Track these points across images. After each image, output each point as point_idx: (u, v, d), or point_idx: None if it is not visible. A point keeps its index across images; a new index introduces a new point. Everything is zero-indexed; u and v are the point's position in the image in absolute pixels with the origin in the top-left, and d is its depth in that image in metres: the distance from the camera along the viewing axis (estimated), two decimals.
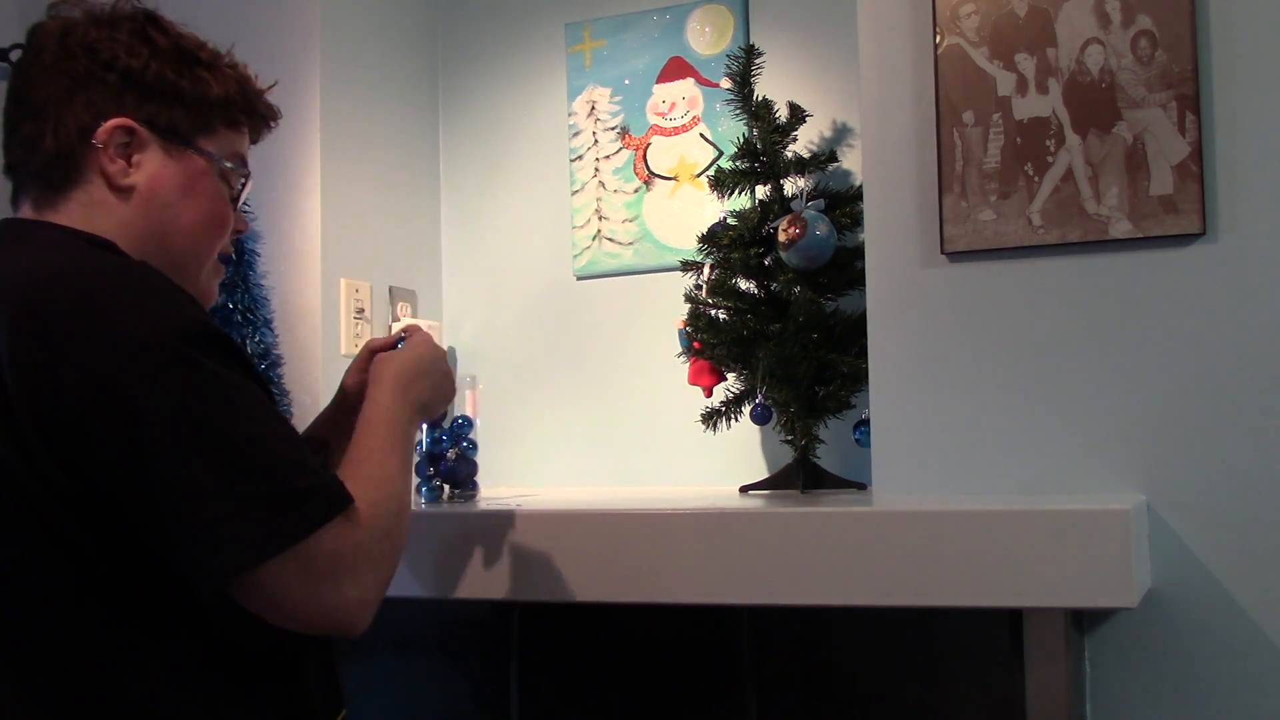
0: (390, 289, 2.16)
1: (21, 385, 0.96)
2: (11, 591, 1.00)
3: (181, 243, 1.17)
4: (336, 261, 2.04)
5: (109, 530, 0.99)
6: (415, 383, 1.26)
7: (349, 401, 1.40)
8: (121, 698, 1.00)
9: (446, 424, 1.72)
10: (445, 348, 1.36)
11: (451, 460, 1.69)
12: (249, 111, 1.23)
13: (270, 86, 1.25)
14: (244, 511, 0.96)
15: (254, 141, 1.26)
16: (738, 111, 1.86)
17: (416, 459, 1.68)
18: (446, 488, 1.72)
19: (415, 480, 1.66)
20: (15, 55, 1.49)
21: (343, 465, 1.13)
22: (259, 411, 1.02)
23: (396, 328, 1.54)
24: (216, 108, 1.19)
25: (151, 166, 1.14)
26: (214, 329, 1.02)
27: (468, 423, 1.72)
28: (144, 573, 1.00)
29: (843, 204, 1.79)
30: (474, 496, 1.72)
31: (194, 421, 0.96)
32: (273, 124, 1.27)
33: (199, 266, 1.20)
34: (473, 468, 1.72)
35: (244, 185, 1.24)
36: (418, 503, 1.68)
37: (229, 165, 1.20)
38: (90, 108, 1.11)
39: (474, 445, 1.73)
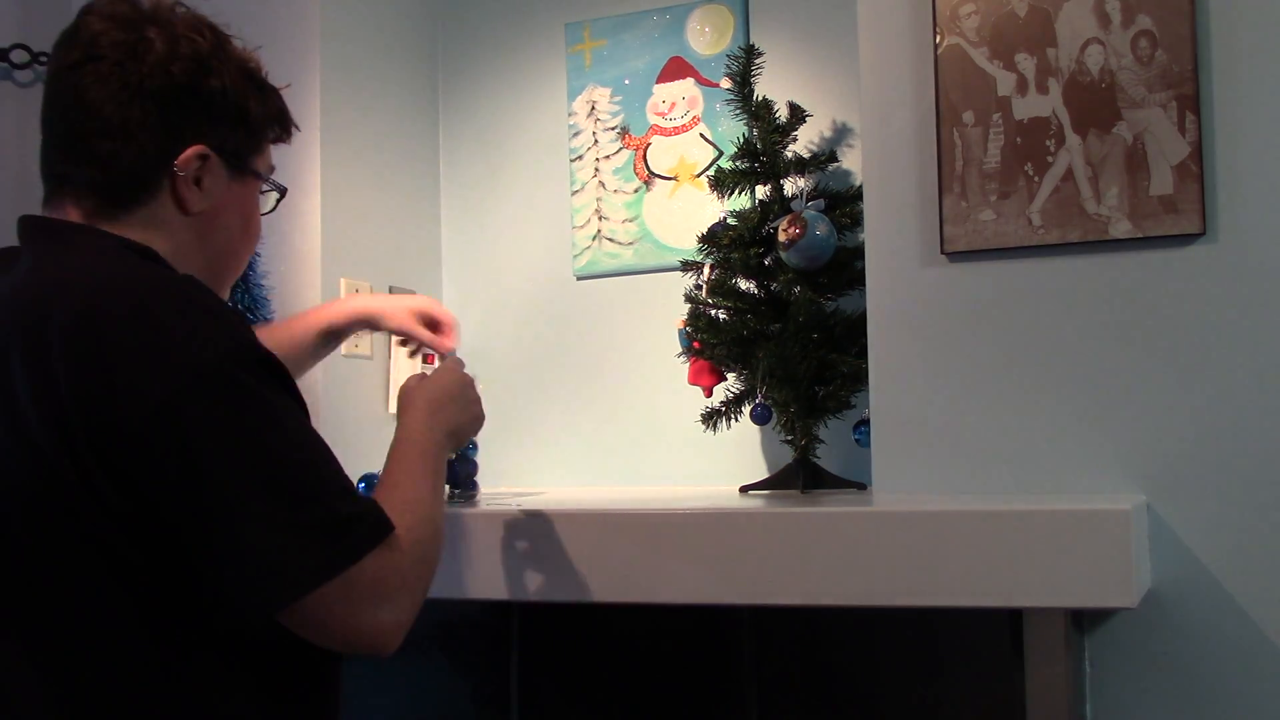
0: (390, 289, 2.16)
1: (78, 398, 0.97)
2: (55, 602, 1.00)
3: (227, 259, 1.21)
4: (336, 261, 2.04)
5: (156, 548, 0.99)
6: (445, 408, 1.28)
7: (333, 329, 1.57)
8: (159, 713, 1.01)
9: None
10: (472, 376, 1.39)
11: (451, 460, 1.70)
12: (285, 128, 1.25)
13: (284, 86, 1.26)
14: (295, 539, 0.98)
15: None
16: (738, 111, 1.86)
17: None
18: (447, 488, 1.72)
19: None
20: (16, 55, 1.49)
21: (379, 489, 1.15)
22: (305, 436, 1.04)
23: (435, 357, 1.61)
24: (266, 127, 1.21)
25: (217, 190, 1.16)
26: (263, 351, 1.04)
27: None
28: (187, 590, 1.00)
29: (843, 204, 1.79)
30: (474, 496, 1.72)
31: (248, 448, 0.98)
32: (297, 133, 1.29)
33: (235, 277, 1.25)
34: (473, 468, 1.72)
35: (279, 199, 1.27)
36: None
37: (272, 184, 1.25)
38: (171, 132, 1.11)
39: (474, 445, 1.73)
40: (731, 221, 1.85)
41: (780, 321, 1.75)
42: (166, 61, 1.10)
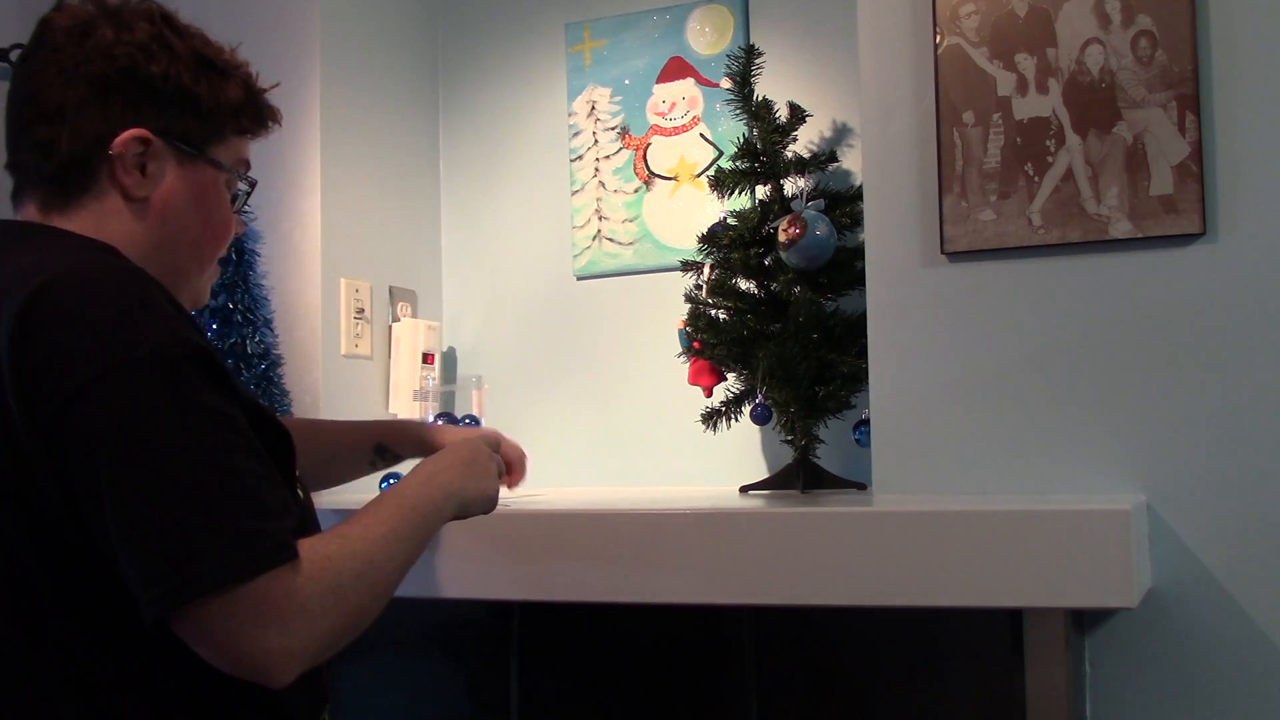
0: (390, 289, 2.17)
1: (16, 388, 0.96)
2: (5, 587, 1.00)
3: (186, 252, 1.17)
4: (336, 261, 2.04)
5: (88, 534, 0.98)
6: (450, 471, 1.25)
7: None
8: (98, 701, 1.00)
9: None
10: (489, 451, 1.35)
11: None
12: (257, 119, 1.22)
13: (272, 87, 1.25)
14: (187, 545, 0.93)
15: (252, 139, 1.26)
16: (738, 111, 1.86)
17: None
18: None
19: None
20: (16, 56, 1.48)
21: (346, 520, 1.11)
22: (229, 441, 0.99)
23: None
24: (228, 116, 1.18)
25: (165, 178, 1.13)
26: (201, 349, 1.00)
27: (474, 422, 1.72)
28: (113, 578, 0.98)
29: (843, 204, 1.79)
30: None
31: (156, 445, 0.95)
32: (276, 127, 1.26)
33: (200, 273, 1.21)
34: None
35: (248, 193, 1.24)
36: None
37: (236, 174, 1.21)
38: (108, 116, 1.10)
39: None
40: (731, 221, 1.85)
41: (780, 321, 1.75)
42: (108, 47, 1.10)
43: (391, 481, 1.71)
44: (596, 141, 2.20)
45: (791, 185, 1.83)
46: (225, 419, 1.00)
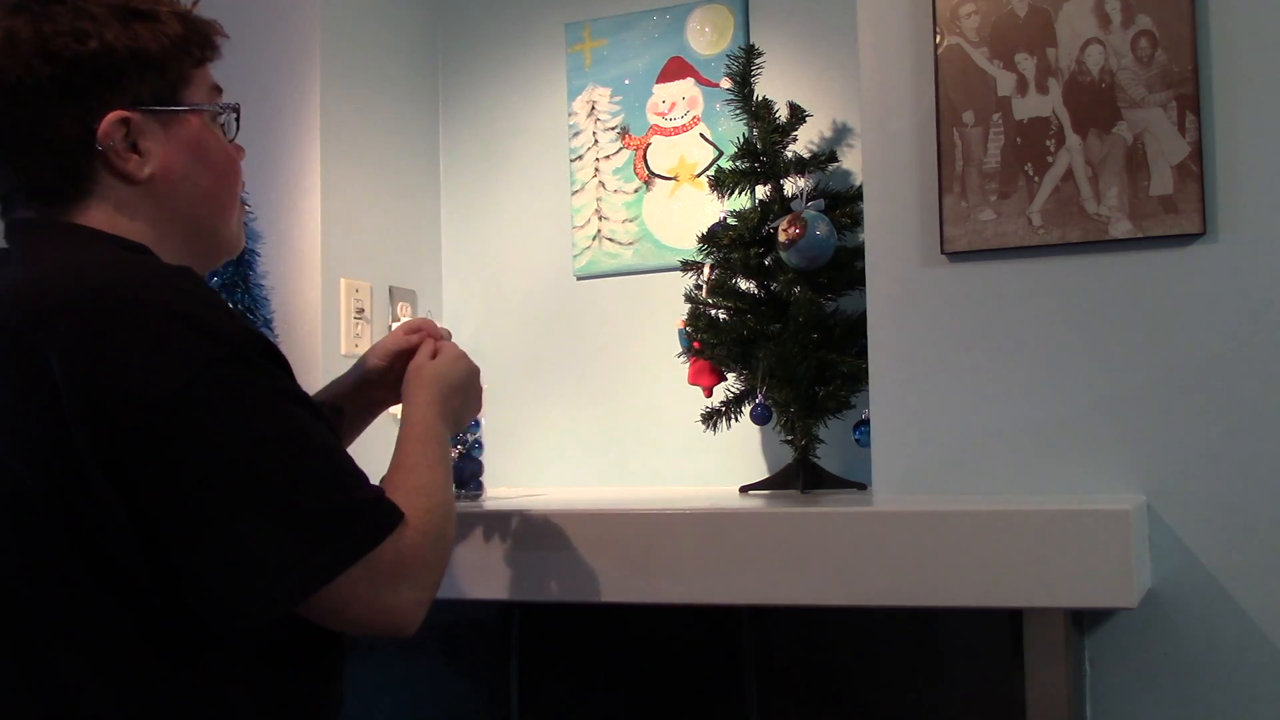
0: (390, 289, 2.17)
1: (78, 400, 0.94)
2: (46, 610, 0.98)
3: (208, 207, 1.14)
4: (336, 261, 2.04)
5: (153, 551, 0.96)
6: (452, 398, 1.27)
7: (370, 377, 1.39)
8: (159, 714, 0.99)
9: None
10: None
11: (456, 459, 1.70)
12: (205, 43, 1.14)
13: (195, 3, 1.16)
14: (315, 527, 0.97)
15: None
16: (738, 111, 1.86)
17: None
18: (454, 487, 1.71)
19: None
20: None
21: (391, 475, 1.14)
22: (313, 426, 1.01)
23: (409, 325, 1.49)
24: (179, 55, 1.10)
25: (157, 147, 1.08)
26: (265, 340, 1.02)
27: (474, 422, 1.72)
28: (183, 596, 0.98)
29: (843, 204, 1.79)
30: (479, 496, 1.72)
31: (260, 440, 0.97)
32: (225, 40, 1.17)
33: (227, 220, 1.17)
34: (478, 467, 1.72)
35: (237, 116, 1.18)
36: None
37: (217, 108, 1.15)
38: (76, 118, 1.04)
39: (480, 445, 1.73)
40: (731, 221, 1.85)
41: (780, 321, 1.75)
42: (39, 47, 1.02)
43: None
44: (596, 141, 2.20)
45: (791, 185, 1.83)
46: (308, 403, 1.03)
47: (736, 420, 1.83)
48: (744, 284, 1.83)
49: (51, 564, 0.98)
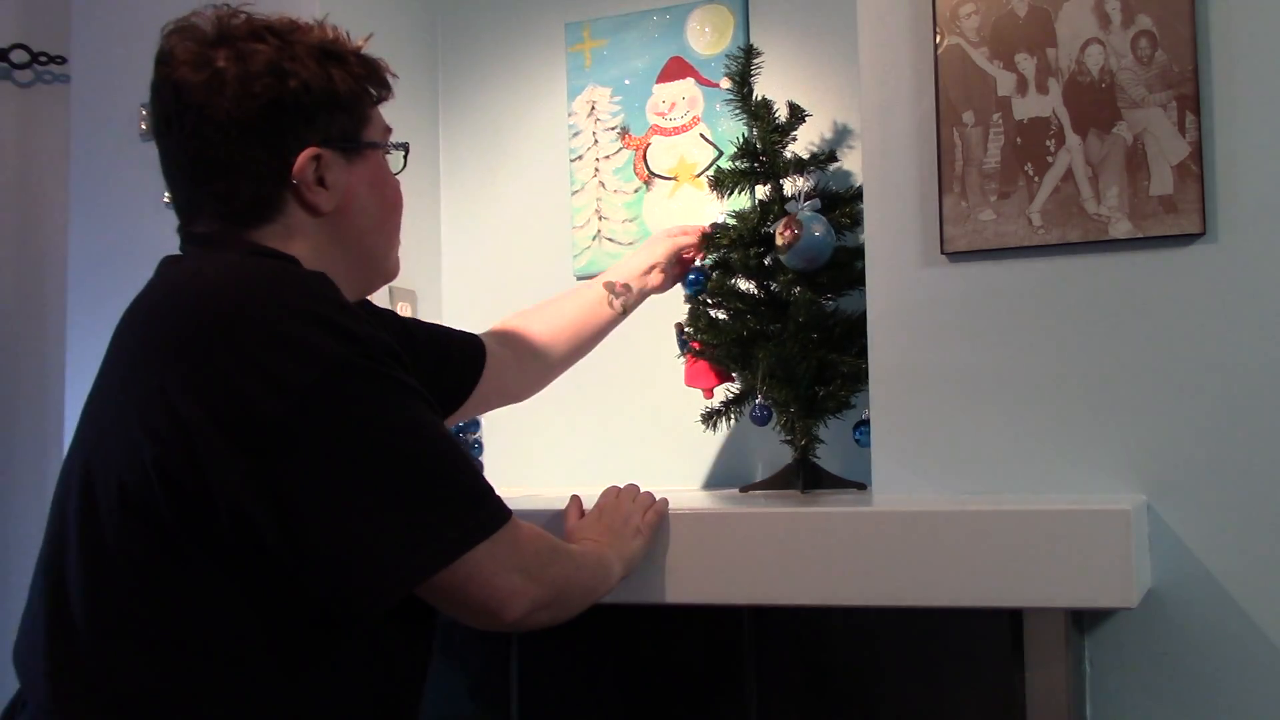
0: (390, 289, 2.16)
1: (207, 395, 0.99)
2: (168, 599, 1.03)
3: (377, 237, 1.22)
4: None
5: (276, 540, 1.01)
6: (622, 540, 1.34)
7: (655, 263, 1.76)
8: (271, 703, 1.04)
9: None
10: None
11: None
12: (383, 83, 1.24)
13: (367, 39, 1.25)
14: (456, 503, 1.05)
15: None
16: (738, 111, 1.86)
17: None
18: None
19: None
20: (16, 55, 1.48)
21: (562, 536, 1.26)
22: (436, 419, 1.08)
23: None
24: (362, 96, 1.20)
25: (341, 182, 1.16)
26: (392, 345, 1.07)
27: (473, 423, 1.72)
28: (303, 585, 1.03)
29: (843, 204, 1.79)
30: None
31: (394, 427, 1.03)
32: (396, 79, 1.27)
33: (393, 248, 1.26)
34: (478, 467, 1.72)
35: (406, 154, 1.27)
36: None
37: (392, 146, 1.24)
38: (275, 150, 1.12)
39: (480, 445, 1.73)
40: (731, 221, 1.85)
41: (780, 321, 1.75)
42: (245, 85, 1.10)
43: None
44: (596, 141, 2.20)
45: (791, 185, 1.83)
46: (428, 400, 1.08)
47: (736, 420, 1.83)
48: (744, 284, 1.83)
49: (164, 542, 1.02)
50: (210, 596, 1.03)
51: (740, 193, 1.85)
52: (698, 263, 1.86)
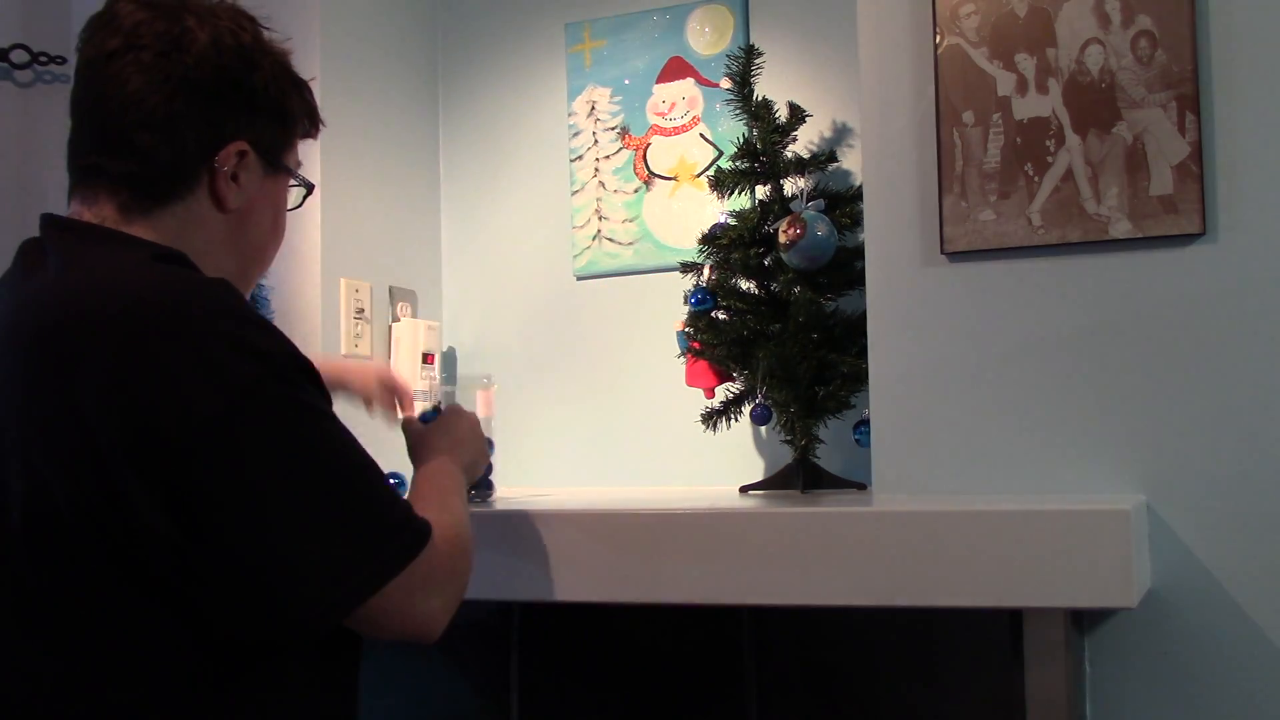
0: (390, 289, 2.17)
1: (116, 413, 0.95)
2: (81, 619, 0.99)
3: (256, 256, 1.21)
4: (336, 261, 2.04)
5: (190, 561, 0.97)
6: (463, 447, 1.35)
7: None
8: None
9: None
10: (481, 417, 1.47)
11: None
12: (314, 122, 1.24)
13: (312, 79, 1.25)
14: (362, 542, 1.02)
15: None
16: (738, 111, 1.86)
17: None
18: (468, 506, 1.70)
19: None
20: (16, 55, 1.48)
21: (412, 495, 1.20)
22: (349, 443, 1.05)
23: (421, 400, 1.60)
24: (298, 123, 1.20)
25: (252, 187, 1.15)
26: (303, 359, 1.04)
27: (484, 422, 1.71)
28: (224, 603, 0.99)
29: (843, 204, 1.79)
30: (489, 495, 1.72)
31: (305, 459, 1.00)
32: (323, 127, 1.27)
33: (261, 275, 1.26)
34: (488, 468, 1.72)
35: (305, 196, 1.26)
36: None
37: (303, 181, 1.24)
38: (213, 127, 1.10)
39: (491, 444, 1.72)
40: (731, 222, 1.85)
41: (780, 321, 1.75)
42: (212, 54, 1.08)
43: None
44: (596, 141, 2.20)
45: (791, 185, 1.83)
46: (339, 424, 1.05)
47: (736, 420, 1.83)
48: (744, 284, 1.83)
49: (83, 571, 0.98)
50: (133, 622, 0.98)
51: (740, 193, 1.85)
52: (701, 282, 1.86)
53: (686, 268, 1.90)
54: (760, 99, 1.84)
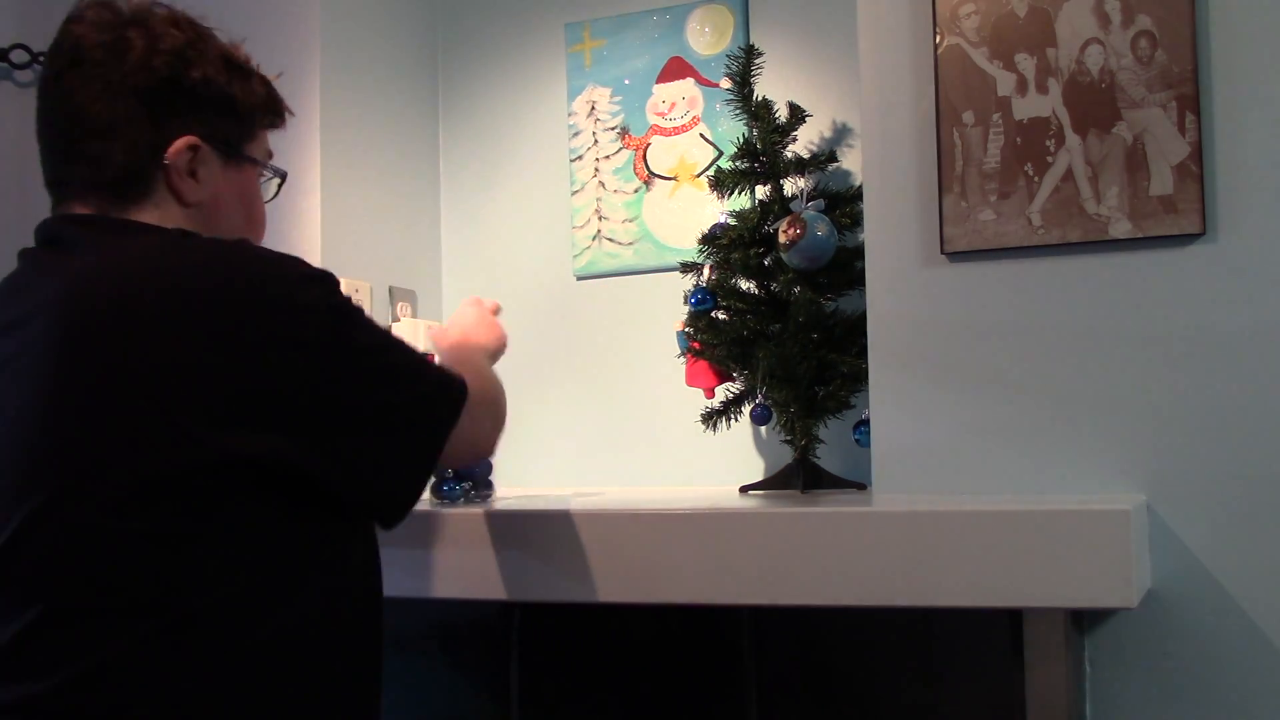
0: (390, 289, 2.17)
1: (207, 368, 1.01)
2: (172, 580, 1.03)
3: None
4: (336, 261, 2.04)
5: (301, 474, 1.07)
6: (479, 331, 1.55)
7: None
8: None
9: None
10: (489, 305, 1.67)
11: None
12: (278, 112, 1.28)
13: (276, 77, 1.29)
14: (442, 380, 1.22)
15: None
16: (738, 111, 1.86)
17: None
18: (464, 486, 1.71)
19: (433, 479, 1.66)
20: (16, 55, 1.50)
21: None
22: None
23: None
24: (256, 113, 1.24)
25: (213, 180, 1.19)
26: (326, 271, 1.14)
27: None
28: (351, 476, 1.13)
29: (843, 204, 1.79)
30: (489, 495, 1.71)
31: (384, 336, 1.17)
32: (291, 117, 1.32)
33: None
34: (488, 467, 1.72)
35: (281, 184, 1.32)
36: (432, 500, 1.68)
37: (268, 169, 1.28)
38: (158, 125, 1.14)
39: None
40: (731, 222, 1.85)
41: (780, 321, 1.75)
42: (147, 57, 1.13)
43: None
44: (596, 141, 2.20)
45: (791, 185, 1.83)
46: None
47: (736, 420, 1.83)
48: (744, 284, 1.83)
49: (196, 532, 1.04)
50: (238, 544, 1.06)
51: (740, 193, 1.85)
52: (701, 282, 1.86)
53: (686, 268, 1.90)
54: (760, 99, 1.84)
